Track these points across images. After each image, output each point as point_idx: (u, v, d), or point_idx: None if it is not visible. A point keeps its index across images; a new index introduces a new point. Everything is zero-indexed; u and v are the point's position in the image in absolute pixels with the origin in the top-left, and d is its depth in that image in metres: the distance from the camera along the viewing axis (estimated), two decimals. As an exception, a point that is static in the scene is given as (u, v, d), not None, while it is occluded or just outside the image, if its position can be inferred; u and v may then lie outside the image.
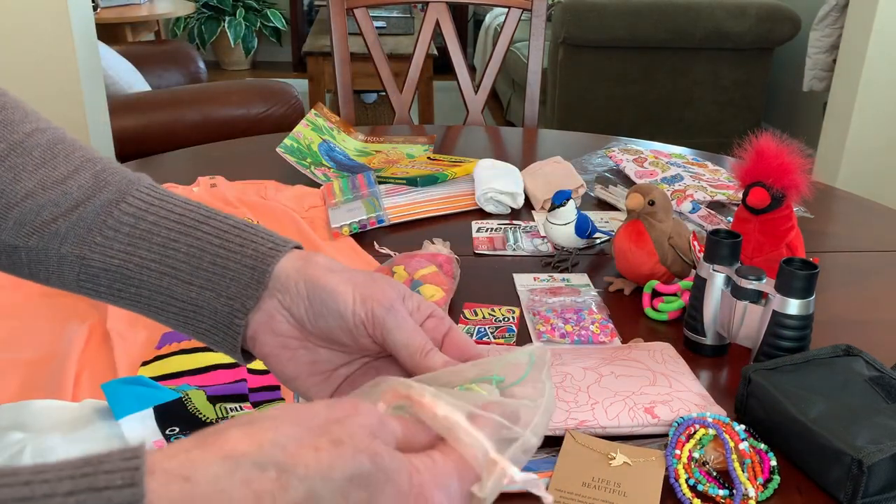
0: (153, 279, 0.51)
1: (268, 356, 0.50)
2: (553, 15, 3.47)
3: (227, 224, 0.52)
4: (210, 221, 0.52)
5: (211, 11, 5.62)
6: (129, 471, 0.29)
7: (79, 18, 2.05)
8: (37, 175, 0.52)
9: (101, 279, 0.52)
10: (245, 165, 1.37)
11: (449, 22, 1.76)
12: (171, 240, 0.51)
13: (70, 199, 0.52)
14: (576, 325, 0.88)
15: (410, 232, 1.15)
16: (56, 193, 0.52)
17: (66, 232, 0.52)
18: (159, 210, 0.52)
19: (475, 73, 5.31)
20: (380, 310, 0.48)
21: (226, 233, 0.52)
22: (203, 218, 0.52)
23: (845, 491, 0.63)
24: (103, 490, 0.28)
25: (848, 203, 1.32)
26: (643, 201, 0.93)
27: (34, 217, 0.52)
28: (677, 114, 3.62)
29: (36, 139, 0.54)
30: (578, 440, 0.68)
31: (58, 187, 0.52)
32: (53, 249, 0.52)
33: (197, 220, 0.52)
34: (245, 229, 0.52)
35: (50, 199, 0.52)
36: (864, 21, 2.48)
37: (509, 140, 1.60)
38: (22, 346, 0.83)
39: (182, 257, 0.51)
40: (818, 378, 0.71)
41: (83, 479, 0.28)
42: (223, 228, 0.52)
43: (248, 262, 0.50)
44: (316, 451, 0.33)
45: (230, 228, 0.52)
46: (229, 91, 2.51)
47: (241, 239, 0.51)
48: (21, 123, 0.54)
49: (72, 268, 0.52)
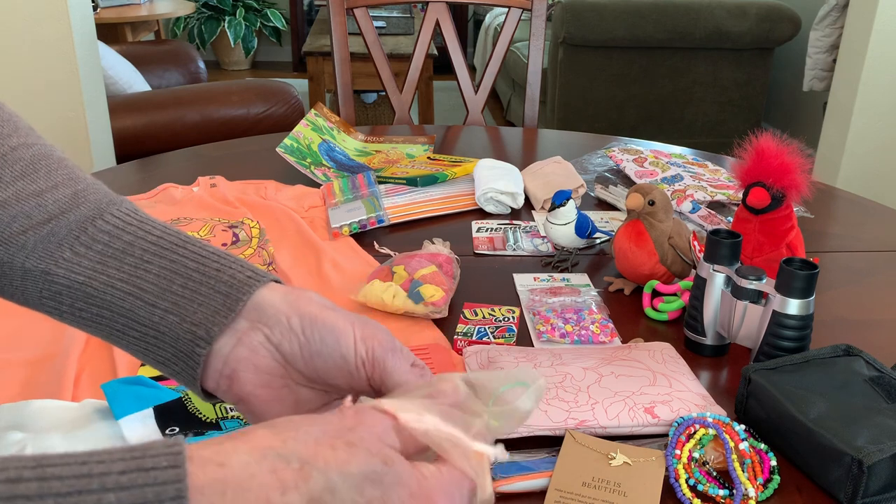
0: (116, 299, 0.49)
1: (248, 396, 0.48)
2: (553, 15, 3.47)
3: (207, 250, 0.50)
4: (188, 246, 0.50)
5: (211, 11, 5.62)
6: (172, 455, 0.33)
7: (79, 18, 2.05)
8: (13, 186, 0.51)
9: (63, 297, 0.50)
10: (245, 165, 1.37)
11: (449, 22, 1.76)
12: (143, 260, 0.49)
13: (44, 212, 0.51)
14: (576, 325, 0.88)
15: (410, 232, 1.15)
16: (30, 205, 0.51)
17: (34, 245, 0.50)
18: (137, 230, 0.50)
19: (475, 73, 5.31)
20: (380, 350, 0.48)
21: (203, 258, 0.50)
22: (181, 242, 0.50)
23: (845, 491, 0.63)
24: (150, 470, 0.32)
25: (848, 203, 1.32)
26: (643, 201, 0.93)
27: (3, 228, 0.50)
28: (677, 114, 3.62)
29: (20, 153, 0.52)
30: (578, 440, 0.68)
31: (33, 199, 0.51)
32: (18, 262, 0.50)
33: (174, 244, 0.50)
34: (225, 257, 0.50)
35: (23, 210, 0.51)
36: (864, 21, 2.48)
37: (509, 140, 1.60)
38: (22, 346, 0.83)
39: (152, 279, 0.49)
40: (818, 378, 0.71)
41: (133, 460, 0.32)
42: (201, 254, 0.50)
43: (221, 287, 0.48)
44: (333, 450, 0.36)
45: (209, 255, 0.50)
46: (229, 91, 2.51)
47: (218, 265, 0.50)
48: (8, 137, 0.53)
49: (35, 283, 0.51)
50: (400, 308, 0.89)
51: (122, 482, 0.31)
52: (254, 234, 1.09)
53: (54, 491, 0.30)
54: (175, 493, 0.32)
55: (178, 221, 1.12)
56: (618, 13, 3.34)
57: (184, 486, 0.32)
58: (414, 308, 0.89)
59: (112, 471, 0.31)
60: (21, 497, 0.30)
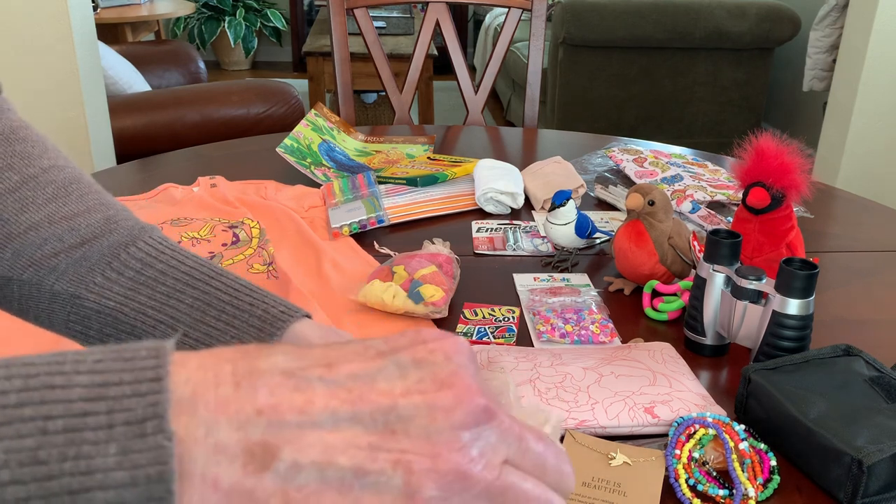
0: (147, 327, 0.49)
1: None
2: (553, 15, 3.47)
3: (240, 283, 0.51)
4: (221, 278, 0.51)
5: (211, 11, 5.62)
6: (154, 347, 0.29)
7: (79, 18, 2.05)
8: (46, 209, 0.51)
9: (91, 321, 0.50)
10: (245, 165, 1.37)
11: (449, 22, 1.76)
12: (176, 290, 0.49)
13: (76, 236, 0.51)
14: (576, 325, 0.89)
15: (410, 232, 1.15)
16: (62, 228, 0.51)
17: (65, 269, 0.50)
18: (170, 259, 0.51)
19: (475, 73, 5.31)
20: None
21: (237, 291, 0.50)
22: (215, 274, 0.51)
23: (845, 491, 0.63)
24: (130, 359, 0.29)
25: (848, 203, 1.32)
26: (643, 201, 0.93)
27: (35, 250, 0.51)
28: (677, 114, 3.62)
29: (52, 175, 0.53)
30: (578, 440, 0.68)
31: (65, 223, 0.51)
32: (47, 285, 0.51)
33: (207, 276, 0.51)
34: (258, 291, 0.51)
35: (55, 233, 0.51)
36: (864, 21, 2.48)
37: (509, 140, 1.60)
38: (22, 346, 0.83)
39: (185, 308, 0.49)
40: (818, 378, 0.71)
41: (111, 352, 0.29)
42: (235, 287, 0.50)
43: (255, 321, 0.49)
44: None
45: (242, 288, 0.51)
46: (229, 91, 2.51)
47: (251, 299, 0.50)
48: (39, 158, 0.53)
49: (63, 306, 0.51)
50: (400, 308, 0.89)
51: (97, 368, 0.28)
52: (254, 234, 1.10)
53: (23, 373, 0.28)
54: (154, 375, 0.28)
55: (178, 222, 1.12)
56: (618, 13, 3.34)
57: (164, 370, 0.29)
58: (414, 308, 0.89)
59: (86, 359, 0.29)
60: None
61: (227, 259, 1.04)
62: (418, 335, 0.32)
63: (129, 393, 0.28)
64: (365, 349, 0.31)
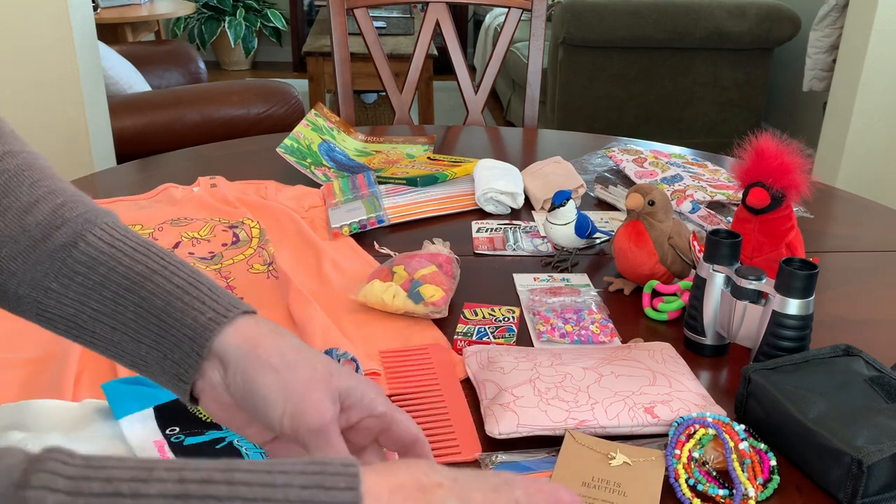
0: (105, 332, 0.52)
1: (213, 413, 0.53)
2: (553, 15, 3.47)
3: (172, 283, 0.52)
4: (155, 277, 0.52)
5: (211, 11, 5.62)
6: (350, 476, 0.35)
7: (79, 18, 2.05)
8: None
9: (57, 324, 0.53)
10: (245, 165, 1.37)
11: (449, 22, 1.76)
12: (119, 295, 0.51)
13: (27, 238, 0.52)
14: (576, 325, 0.89)
15: (410, 232, 1.15)
16: (15, 229, 0.53)
17: (23, 274, 0.52)
18: (109, 260, 0.52)
19: (475, 73, 5.31)
20: (306, 433, 0.48)
21: (169, 293, 0.51)
22: (149, 273, 0.52)
23: (845, 491, 0.63)
24: (330, 489, 0.34)
25: (848, 203, 1.32)
26: (643, 201, 0.93)
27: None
28: (677, 114, 3.62)
29: (5, 164, 0.54)
30: (578, 440, 0.68)
31: (16, 222, 0.53)
32: (12, 289, 0.53)
33: (143, 276, 0.52)
34: (189, 291, 0.52)
35: (9, 234, 0.53)
36: (864, 21, 2.48)
37: (509, 140, 1.60)
38: (22, 346, 0.83)
39: (130, 315, 0.51)
40: (818, 378, 0.71)
41: (314, 475, 0.35)
42: (167, 288, 0.52)
43: (187, 332, 0.51)
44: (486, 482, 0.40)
45: (174, 289, 0.52)
46: (229, 91, 2.50)
47: (182, 303, 0.51)
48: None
49: (30, 308, 0.53)
50: (400, 308, 0.89)
51: (304, 496, 0.34)
52: (254, 234, 1.10)
53: (241, 495, 0.33)
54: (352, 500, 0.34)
55: (178, 222, 1.12)
56: (618, 13, 3.34)
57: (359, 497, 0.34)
58: (414, 308, 0.89)
59: (294, 483, 0.34)
60: (212, 498, 0.32)
61: (227, 259, 1.04)
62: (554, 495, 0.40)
63: None
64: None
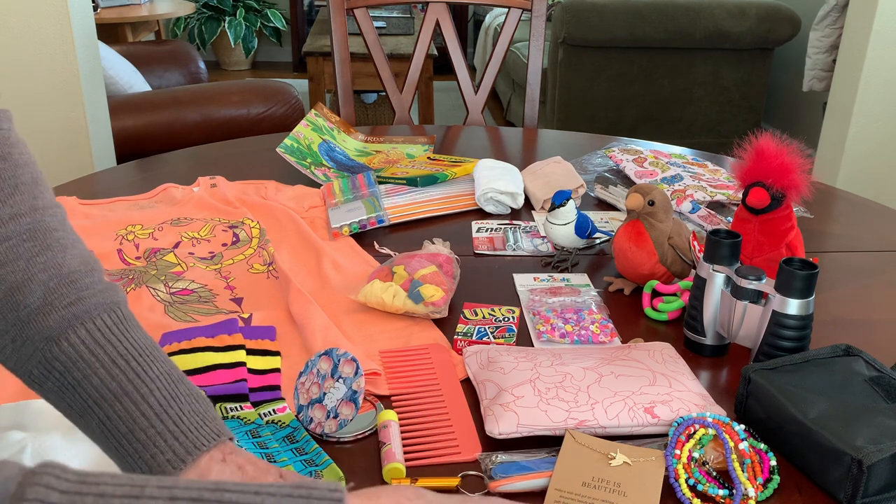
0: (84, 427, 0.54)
1: None
2: (553, 15, 3.47)
3: (139, 411, 0.52)
4: (124, 400, 0.52)
5: (211, 11, 5.62)
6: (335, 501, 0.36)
7: (79, 18, 2.05)
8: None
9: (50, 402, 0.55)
10: (245, 165, 1.37)
11: (449, 22, 1.76)
12: (87, 406, 0.52)
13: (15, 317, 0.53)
14: (576, 325, 0.89)
15: (410, 232, 1.15)
16: (6, 305, 0.54)
17: (11, 354, 0.54)
18: (85, 368, 0.53)
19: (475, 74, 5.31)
20: None
21: (134, 422, 0.51)
22: (120, 393, 0.52)
23: (845, 491, 0.63)
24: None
25: (848, 203, 1.32)
26: (643, 201, 0.93)
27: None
28: (677, 114, 3.62)
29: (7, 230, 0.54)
30: (578, 440, 0.68)
31: (8, 298, 0.53)
32: (10, 364, 0.55)
33: (114, 395, 0.52)
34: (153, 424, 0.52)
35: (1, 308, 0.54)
36: (864, 21, 2.48)
37: (509, 140, 1.60)
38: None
39: (95, 428, 0.53)
40: (818, 378, 0.71)
41: (301, 499, 0.36)
42: (133, 416, 0.52)
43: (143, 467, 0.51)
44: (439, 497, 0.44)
45: (139, 418, 0.52)
46: (229, 91, 2.50)
47: (144, 436, 0.51)
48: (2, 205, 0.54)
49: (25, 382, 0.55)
50: (400, 308, 0.89)
51: None
52: (254, 234, 1.10)
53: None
54: None
55: (178, 222, 1.12)
56: (618, 13, 3.34)
57: None
58: (414, 308, 0.89)
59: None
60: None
61: (227, 259, 1.04)
62: None
63: None
64: None
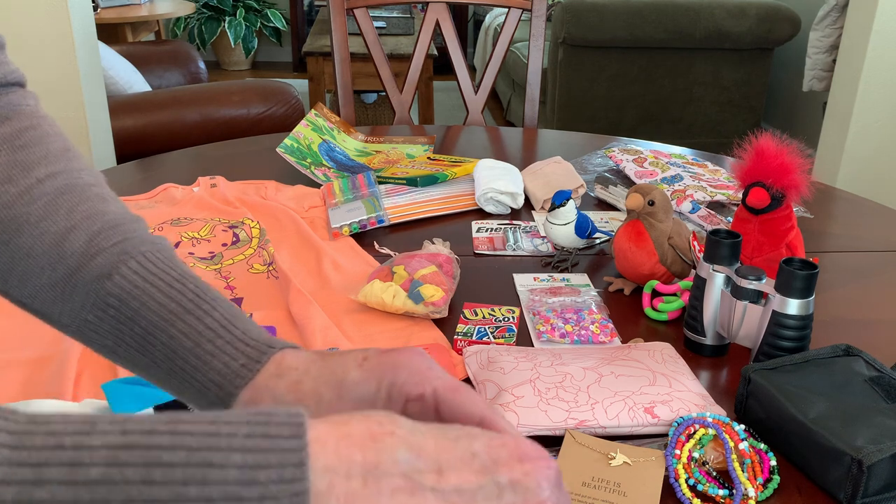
0: (141, 367, 0.52)
1: None
2: (553, 15, 3.47)
3: (203, 324, 0.50)
4: (187, 317, 0.50)
5: (211, 11, 5.62)
6: (295, 425, 0.34)
7: (79, 18, 2.05)
8: (37, 229, 0.52)
9: (99, 349, 0.53)
10: (245, 165, 1.37)
11: (449, 22, 1.76)
12: (149, 333, 0.50)
13: (64, 267, 0.52)
14: (576, 325, 0.89)
15: (410, 232, 1.15)
16: (52, 257, 0.52)
17: (63, 304, 0.52)
18: (141, 295, 0.51)
19: (475, 74, 5.31)
20: None
21: (200, 335, 0.50)
22: (181, 312, 0.50)
23: (845, 491, 0.63)
24: (274, 437, 0.33)
25: (848, 203, 1.32)
26: (643, 201, 0.93)
27: (34, 279, 0.52)
28: (677, 114, 3.62)
29: (45, 187, 0.53)
30: (578, 440, 0.68)
31: (54, 250, 0.52)
32: (55, 316, 0.53)
33: (175, 315, 0.50)
34: (221, 336, 0.50)
35: (47, 262, 0.52)
36: (864, 21, 2.48)
37: (509, 140, 1.60)
38: (22, 346, 0.83)
39: (159, 355, 0.50)
40: (818, 378, 0.71)
41: (258, 426, 0.34)
42: (198, 329, 0.50)
43: (214, 377, 0.49)
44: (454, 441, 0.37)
45: (205, 331, 0.50)
46: (229, 91, 2.50)
47: (213, 346, 0.49)
48: (36, 167, 0.53)
49: (74, 335, 0.54)
50: (400, 308, 0.89)
51: (248, 445, 0.33)
52: (254, 234, 1.10)
53: (186, 444, 0.32)
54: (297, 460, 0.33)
55: (178, 221, 1.12)
56: (618, 13, 3.34)
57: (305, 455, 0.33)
58: (414, 308, 0.89)
59: (238, 433, 0.33)
60: (156, 447, 0.32)
61: (227, 259, 1.04)
62: (518, 448, 0.37)
63: (275, 479, 0.32)
64: (472, 457, 0.36)
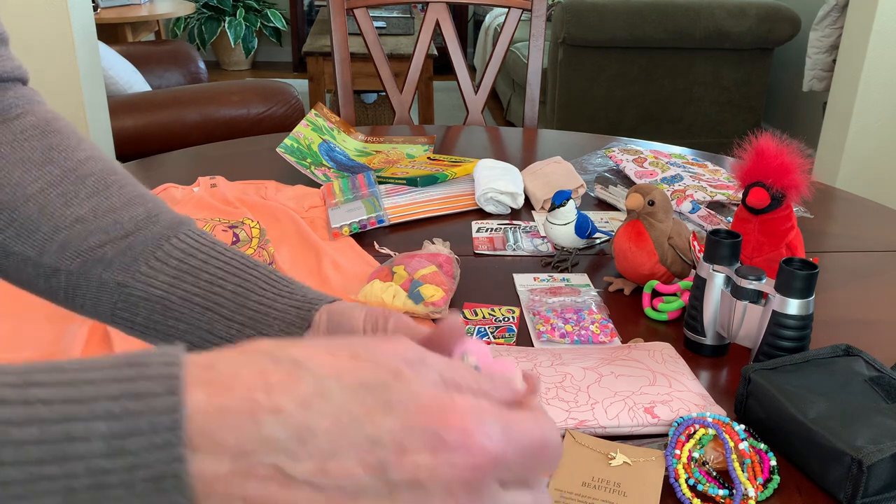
0: (195, 313, 0.52)
1: None
2: (553, 15, 3.47)
3: (277, 274, 0.54)
4: (259, 268, 0.54)
5: (211, 11, 5.62)
6: (168, 378, 0.29)
7: (79, 18, 2.04)
8: (89, 202, 0.54)
9: (139, 308, 0.53)
10: (245, 165, 1.37)
11: (449, 22, 1.76)
12: (218, 278, 0.53)
13: (120, 229, 0.54)
14: (576, 325, 0.89)
15: (410, 232, 1.15)
16: (107, 221, 0.54)
17: (112, 258, 0.53)
18: (210, 251, 0.54)
19: (475, 74, 5.31)
20: None
21: (275, 281, 0.54)
22: (252, 264, 0.54)
23: (845, 491, 0.63)
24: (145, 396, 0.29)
25: (848, 203, 1.32)
26: (643, 201, 0.93)
27: (81, 242, 0.53)
28: (677, 114, 3.62)
29: (90, 167, 0.55)
30: (578, 440, 0.68)
31: (110, 216, 0.54)
32: (95, 275, 0.53)
33: (247, 266, 0.54)
34: (294, 282, 0.54)
35: (100, 225, 0.53)
36: (864, 21, 2.48)
37: (509, 140, 1.60)
38: (22, 346, 0.83)
39: (228, 295, 0.52)
40: (818, 378, 0.71)
41: (127, 382, 0.29)
42: (272, 277, 0.54)
43: (295, 302, 0.52)
44: (333, 356, 0.32)
45: (279, 278, 0.54)
46: (229, 91, 2.50)
47: (290, 285, 0.53)
48: (75, 150, 0.55)
49: (111, 295, 0.53)
50: (400, 308, 0.89)
51: (114, 411, 0.28)
52: (254, 235, 1.09)
53: (40, 416, 0.27)
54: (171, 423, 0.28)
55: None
56: (618, 13, 3.34)
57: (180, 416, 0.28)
58: (414, 308, 0.89)
59: (102, 395, 0.28)
60: (4, 422, 0.27)
61: (227, 259, 1.04)
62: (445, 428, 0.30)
63: (146, 446, 0.28)
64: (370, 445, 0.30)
